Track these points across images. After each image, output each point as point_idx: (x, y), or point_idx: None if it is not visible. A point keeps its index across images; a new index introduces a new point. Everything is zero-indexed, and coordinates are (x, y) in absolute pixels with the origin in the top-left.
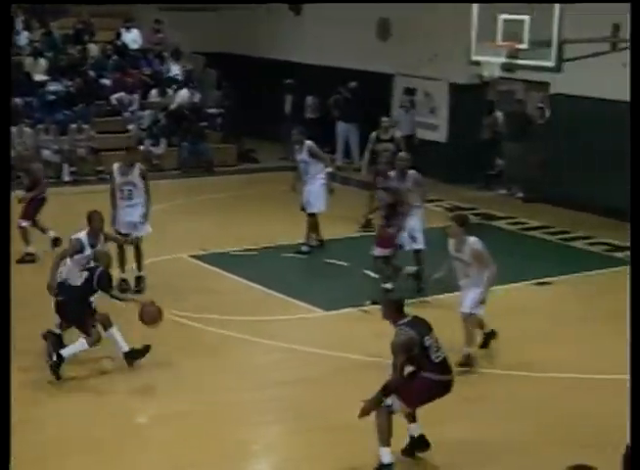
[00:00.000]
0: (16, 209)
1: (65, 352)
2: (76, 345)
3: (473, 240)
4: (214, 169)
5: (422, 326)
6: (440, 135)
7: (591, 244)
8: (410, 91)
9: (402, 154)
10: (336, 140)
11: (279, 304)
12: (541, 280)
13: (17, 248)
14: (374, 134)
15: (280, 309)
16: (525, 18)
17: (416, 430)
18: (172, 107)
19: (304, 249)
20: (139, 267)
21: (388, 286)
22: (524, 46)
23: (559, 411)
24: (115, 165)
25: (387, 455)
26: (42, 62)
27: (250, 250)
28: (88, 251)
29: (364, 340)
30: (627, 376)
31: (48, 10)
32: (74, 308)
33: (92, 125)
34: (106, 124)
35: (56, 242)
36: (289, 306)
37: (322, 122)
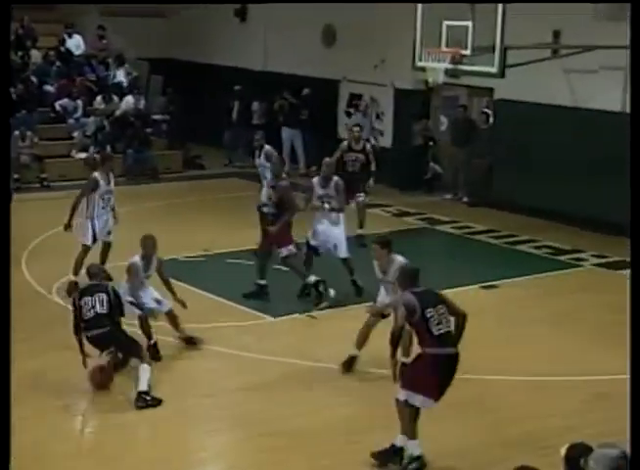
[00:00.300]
0: None
1: (142, 387)
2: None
3: (399, 260)
4: (160, 176)
5: (429, 299)
6: (386, 140)
7: (536, 247)
8: (356, 97)
9: (327, 159)
10: (282, 146)
11: (227, 310)
12: (487, 283)
13: None
14: (345, 143)
15: (228, 316)
16: (469, 24)
17: (403, 441)
18: (117, 113)
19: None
20: None
21: (311, 279)
22: (467, 52)
23: (502, 413)
24: (97, 174)
25: (416, 448)
26: None
27: (197, 256)
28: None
29: (312, 346)
30: (573, 377)
31: None
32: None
33: (35, 132)
34: (49, 131)
35: None
36: (237, 313)
37: (268, 128)
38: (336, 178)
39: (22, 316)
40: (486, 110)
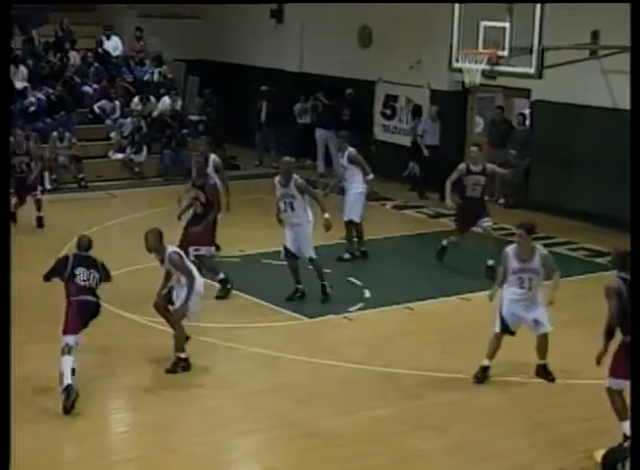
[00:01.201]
0: None
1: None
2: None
3: (541, 248)
4: None
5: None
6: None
7: (573, 249)
8: (392, 98)
9: (286, 158)
10: (315, 146)
11: (262, 311)
12: None
13: None
14: (463, 165)
15: (262, 317)
16: (506, 25)
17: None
18: (155, 114)
19: (345, 256)
20: None
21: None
22: (504, 53)
23: (538, 415)
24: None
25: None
26: (23, 69)
27: (232, 256)
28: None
29: (346, 347)
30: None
31: (29, 17)
32: None
33: (73, 133)
34: (87, 132)
35: None
36: (271, 314)
37: (311, 128)
38: (295, 177)
39: (52, 315)
40: (523, 111)
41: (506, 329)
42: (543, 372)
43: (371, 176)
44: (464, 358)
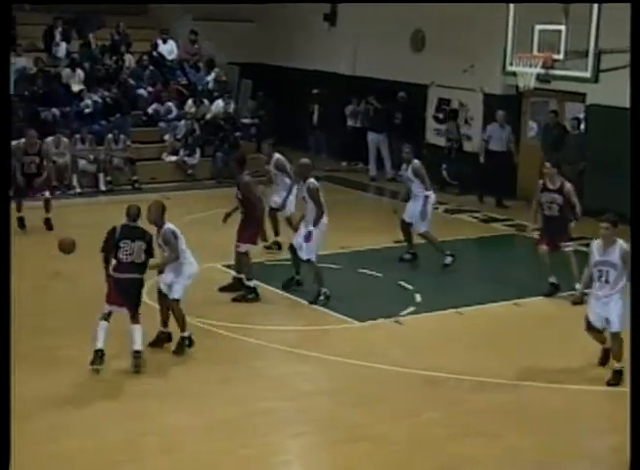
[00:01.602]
0: None
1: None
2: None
3: (622, 241)
4: None
5: None
6: (474, 145)
7: None
8: (444, 102)
9: (303, 160)
10: (367, 150)
11: (313, 314)
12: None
13: None
14: (540, 182)
15: (313, 320)
16: (562, 28)
17: None
18: (208, 117)
19: (406, 256)
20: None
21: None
22: (559, 57)
23: (586, 423)
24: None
25: None
26: (80, 73)
27: (284, 259)
28: None
29: (396, 351)
30: None
31: (86, 22)
32: None
33: (128, 136)
34: (142, 134)
35: None
36: (322, 317)
37: (362, 131)
38: (310, 180)
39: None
40: (578, 115)
41: (590, 325)
42: (613, 376)
43: (429, 193)
44: (514, 364)
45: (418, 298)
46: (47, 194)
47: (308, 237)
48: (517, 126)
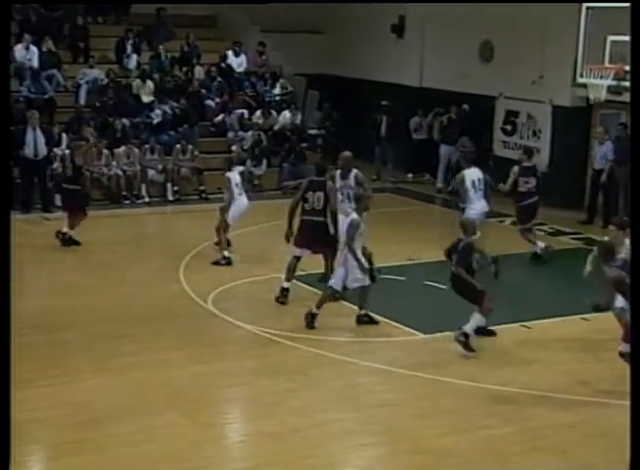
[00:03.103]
0: None
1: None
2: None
3: (627, 243)
4: None
5: None
6: (543, 158)
7: None
8: (512, 114)
9: (345, 153)
10: (438, 162)
11: (378, 326)
12: None
13: None
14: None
15: (379, 331)
16: None
17: None
18: (276, 128)
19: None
20: None
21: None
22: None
23: None
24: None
25: None
26: (150, 84)
27: None
28: None
29: (462, 364)
30: None
31: (156, 33)
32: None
33: (196, 146)
34: (209, 145)
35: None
36: (387, 328)
37: (427, 143)
38: (355, 171)
39: (178, 325)
40: None
41: None
42: None
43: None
44: (582, 379)
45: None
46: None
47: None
48: (586, 139)
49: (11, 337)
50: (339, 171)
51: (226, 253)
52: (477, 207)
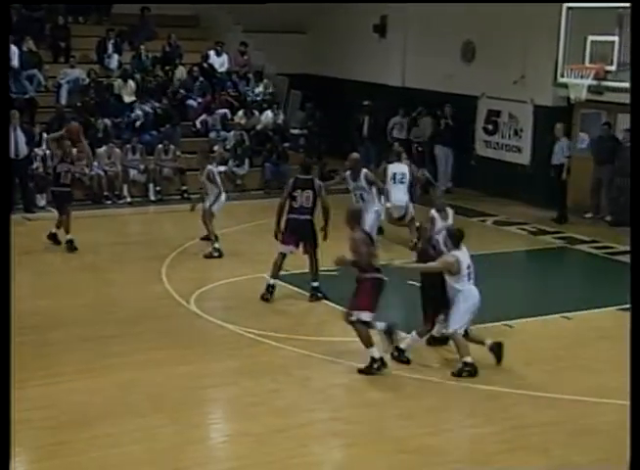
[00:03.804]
0: None
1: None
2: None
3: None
4: None
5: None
6: (524, 158)
7: None
8: (494, 113)
9: (353, 154)
10: (435, 163)
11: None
12: (628, 306)
13: None
14: None
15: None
16: (615, 39)
17: None
18: (258, 128)
19: None
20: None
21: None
22: (612, 68)
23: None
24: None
25: None
26: (131, 84)
27: (330, 270)
28: None
29: (446, 363)
30: None
31: (138, 33)
32: None
33: (178, 146)
34: (191, 145)
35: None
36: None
37: (407, 143)
38: (365, 171)
39: (162, 326)
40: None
41: None
42: None
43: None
44: (565, 379)
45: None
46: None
47: None
48: (567, 138)
49: (11, 337)
50: (348, 173)
51: (217, 244)
52: (393, 198)
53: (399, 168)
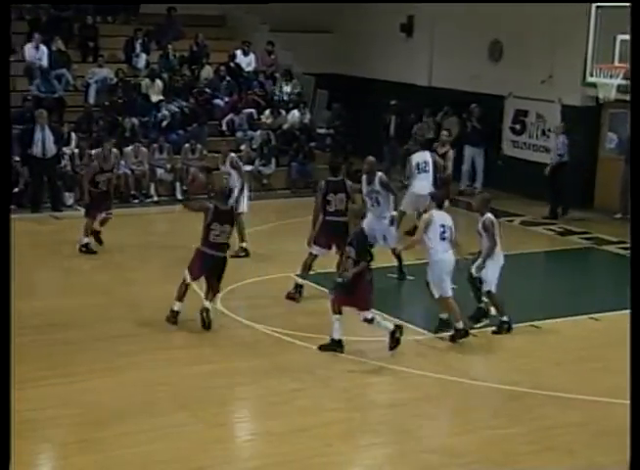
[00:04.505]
0: None
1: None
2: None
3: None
4: None
5: None
6: (552, 158)
7: None
8: (522, 113)
9: (369, 158)
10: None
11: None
12: None
13: None
14: None
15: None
16: None
17: None
18: (285, 127)
19: None
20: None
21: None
22: None
23: None
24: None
25: None
26: (158, 83)
27: None
28: None
29: (471, 364)
30: None
31: (165, 33)
32: None
33: (205, 145)
34: (218, 144)
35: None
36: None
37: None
38: (380, 174)
39: (186, 324)
40: None
41: None
42: None
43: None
44: (591, 380)
45: (492, 311)
46: (110, 213)
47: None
48: (595, 138)
49: (10, 337)
50: (364, 176)
51: (244, 244)
52: (415, 186)
53: (422, 157)
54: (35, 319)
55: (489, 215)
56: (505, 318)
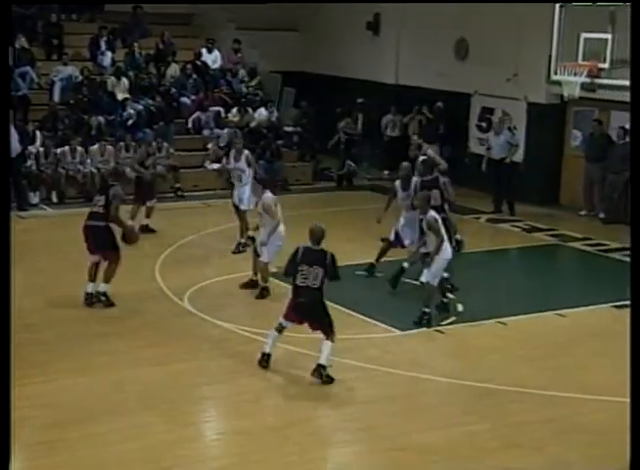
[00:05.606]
0: None
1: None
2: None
3: None
4: (290, 187)
5: None
6: (518, 155)
7: None
8: (488, 111)
9: (404, 163)
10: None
11: (355, 323)
12: (621, 303)
13: None
14: None
15: (356, 328)
16: (608, 36)
17: None
18: (252, 125)
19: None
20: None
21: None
22: (605, 65)
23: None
24: None
25: None
26: (124, 81)
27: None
28: None
29: (439, 361)
30: None
31: (131, 31)
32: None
33: (172, 144)
34: (185, 142)
35: None
36: (365, 326)
37: (401, 141)
38: (415, 179)
39: (155, 324)
40: (624, 125)
41: None
42: None
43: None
44: (559, 376)
45: (460, 307)
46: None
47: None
48: (561, 136)
49: (11, 337)
50: (398, 182)
51: (243, 239)
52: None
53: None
54: None
55: (432, 213)
56: (427, 310)
